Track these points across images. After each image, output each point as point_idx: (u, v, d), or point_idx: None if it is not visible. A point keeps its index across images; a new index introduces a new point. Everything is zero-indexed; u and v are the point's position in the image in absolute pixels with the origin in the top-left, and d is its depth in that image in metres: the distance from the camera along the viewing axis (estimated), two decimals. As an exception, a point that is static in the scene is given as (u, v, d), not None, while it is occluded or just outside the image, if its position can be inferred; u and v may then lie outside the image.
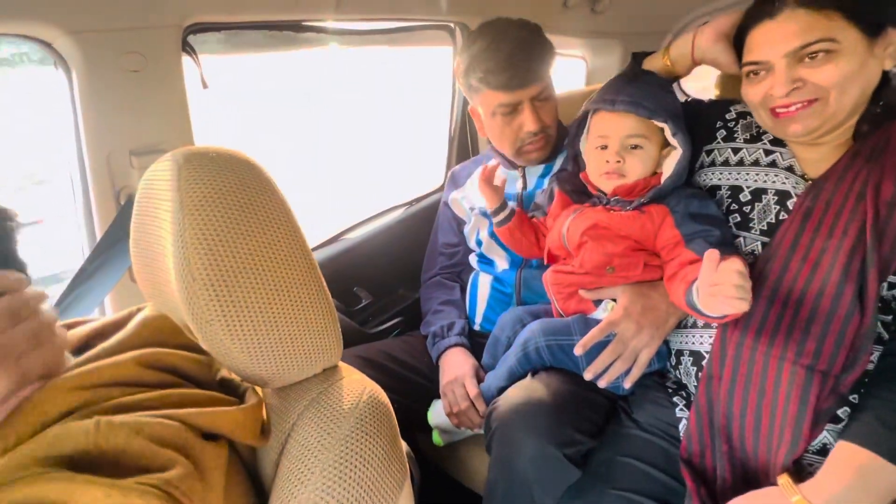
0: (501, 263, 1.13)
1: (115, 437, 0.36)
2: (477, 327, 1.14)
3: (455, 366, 1.00)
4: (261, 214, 0.43)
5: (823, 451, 0.64)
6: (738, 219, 0.76)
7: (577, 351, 0.79)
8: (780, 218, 0.72)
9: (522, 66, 0.96)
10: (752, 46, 0.68)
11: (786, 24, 0.64)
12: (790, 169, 0.73)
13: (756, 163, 0.77)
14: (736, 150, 0.80)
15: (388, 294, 1.39)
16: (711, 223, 0.75)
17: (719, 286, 0.60)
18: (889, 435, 0.57)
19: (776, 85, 0.65)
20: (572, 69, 1.83)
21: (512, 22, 1.02)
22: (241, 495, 0.45)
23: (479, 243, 1.16)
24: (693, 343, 0.78)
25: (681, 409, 0.77)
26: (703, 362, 0.75)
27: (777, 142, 0.76)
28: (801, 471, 0.63)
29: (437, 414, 0.96)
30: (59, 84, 0.75)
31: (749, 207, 0.75)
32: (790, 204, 0.71)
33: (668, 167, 0.80)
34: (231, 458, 0.45)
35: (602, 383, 0.80)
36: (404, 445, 0.54)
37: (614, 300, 0.83)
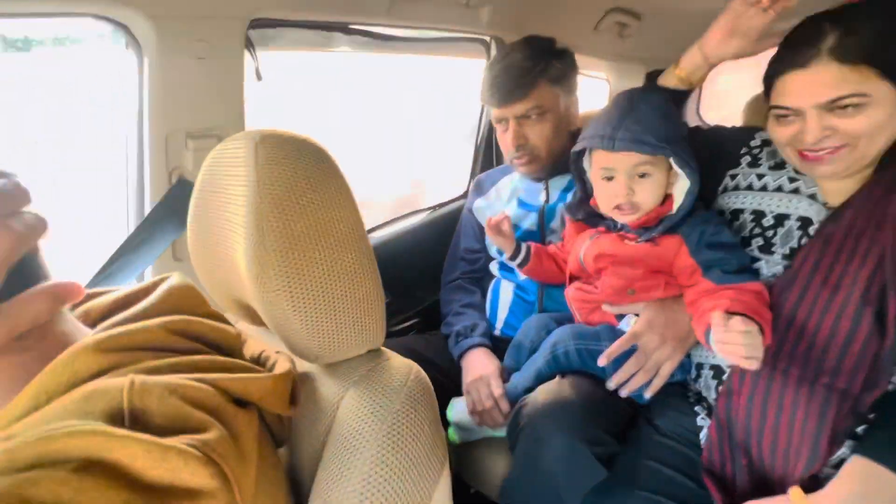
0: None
1: (149, 396, 0.35)
2: (497, 332, 1.15)
3: (480, 365, 1.01)
4: (327, 195, 0.46)
5: (840, 465, 0.65)
6: (762, 242, 0.77)
7: (601, 362, 0.80)
8: (803, 243, 0.73)
9: (505, 85, 1.02)
10: (783, 92, 0.68)
11: (818, 75, 0.63)
12: (813, 197, 0.75)
13: (779, 189, 0.78)
14: (760, 176, 0.82)
15: (407, 295, 1.41)
16: (726, 251, 0.75)
17: (729, 345, 0.63)
18: None
19: (807, 132, 0.66)
20: (596, 89, 1.89)
21: (520, 43, 1.08)
22: (272, 467, 0.45)
23: (500, 252, 1.19)
24: (713, 357, 0.80)
25: (702, 419, 0.79)
26: (724, 377, 0.77)
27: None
28: (817, 484, 0.65)
29: (457, 412, 0.97)
30: (125, 65, 0.79)
31: (772, 232, 0.76)
32: (811, 231, 0.72)
33: (679, 193, 0.80)
34: (261, 428, 0.44)
35: (624, 393, 0.81)
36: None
37: (636, 315, 0.85)
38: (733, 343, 0.62)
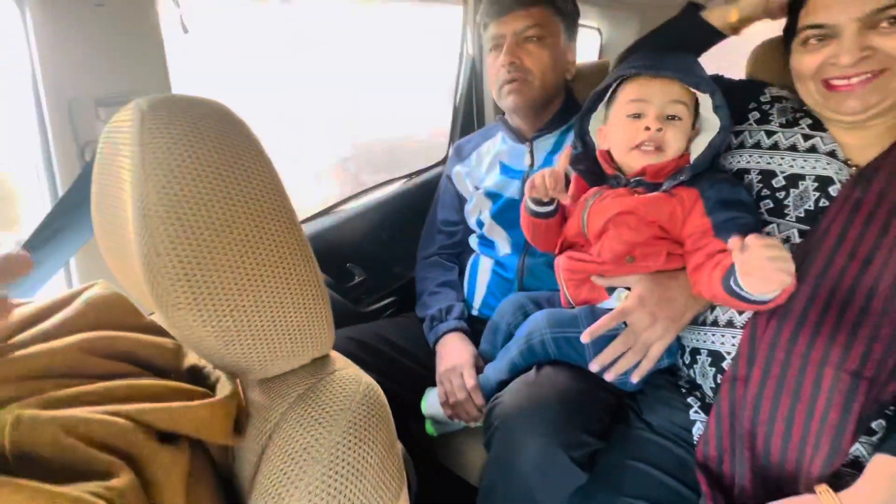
0: (504, 247, 1.06)
1: (39, 436, 0.29)
2: (475, 312, 1.09)
3: (454, 353, 0.95)
4: (241, 178, 0.36)
5: (856, 463, 0.60)
6: (771, 205, 0.71)
7: (585, 339, 0.73)
8: (821, 205, 0.67)
9: None
10: (818, 6, 0.62)
11: None
12: (832, 154, 0.68)
13: (793, 147, 0.71)
14: (770, 134, 0.75)
15: (383, 271, 1.32)
16: (743, 210, 0.69)
17: (753, 265, 0.54)
18: None
19: (843, 53, 0.59)
20: (586, 41, 1.72)
21: None
22: None
23: (479, 224, 1.10)
24: (712, 342, 0.73)
25: (695, 412, 0.72)
26: (724, 364, 0.70)
27: (816, 126, 0.71)
28: (832, 482, 0.59)
29: (430, 404, 0.90)
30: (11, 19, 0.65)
31: (783, 193, 0.70)
32: (832, 191, 0.66)
33: (698, 146, 0.75)
34: (197, 462, 0.39)
35: (609, 377, 0.74)
36: (400, 447, 0.48)
37: (628, 288, 0.77)
38: (757, 259, 0.53)
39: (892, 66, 0.59)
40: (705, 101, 0.75)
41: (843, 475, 0.59)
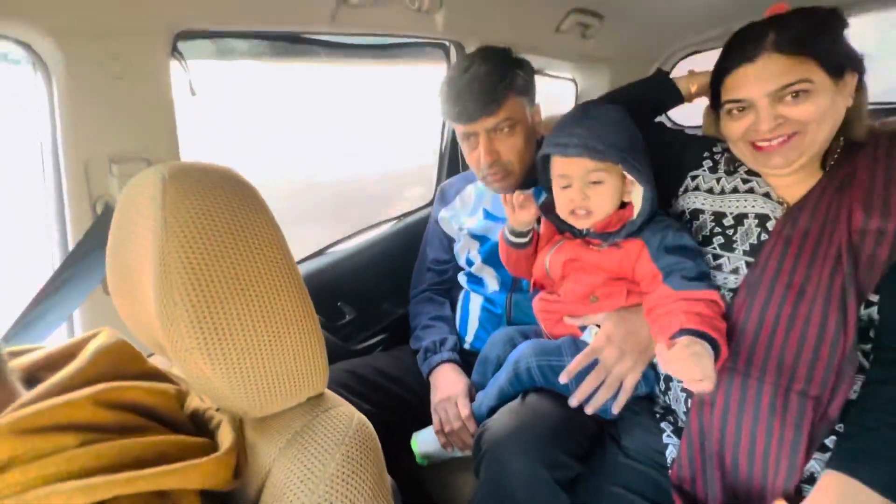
0: (492, 284, 1.12)
1: None
2: (467, 346, 1.13)
3: (448, 384, 0.98)
4: (249, 237, 0.41)
5: (811, 479, 0.65)
6: (722, 240, 0.79)
7: (563, 379, 0.79)
8: (762, 239, 0.75)
9: (473, 100, 0.96)
10: (735, 86, 0.72)
11: (765, 67, 0.68)
12: (767, 195, 0.77)
13: (735, 190, 0.81)
14: (718, 180, 0.84)
15: (373, 309, 1.36)
16: (686, 255, 0.76)
17: (677, 366, 0.63)
18: (871, 463, 0.58)
19: (761, 121, 0.69)
20: (563, 90, 1.86)
21: (479, 54, 1.02)
22: None
23: (469, 263, 1.15)
24: None
25: (668, 436, 0.77)
26: None
27: (752, 171, 0.80)
28: (795, 498, 0.64)
29: (423, 441, 0.93)
30: (37, 87, 0.72)
31: (732, 231, 0.79)
32: (769, 226, 0.75)
33: (637, 199, 0.80)
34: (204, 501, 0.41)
35: (589, 410, 0.79)
36: (388, 479, 0.51)
37: (598, 325, 0.83)
38: (681, 364, 0.62)
39: (801, 129, 0.68)
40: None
41: (804, 491, 0.64)
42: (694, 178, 0.87)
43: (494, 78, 0.97)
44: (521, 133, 1.02)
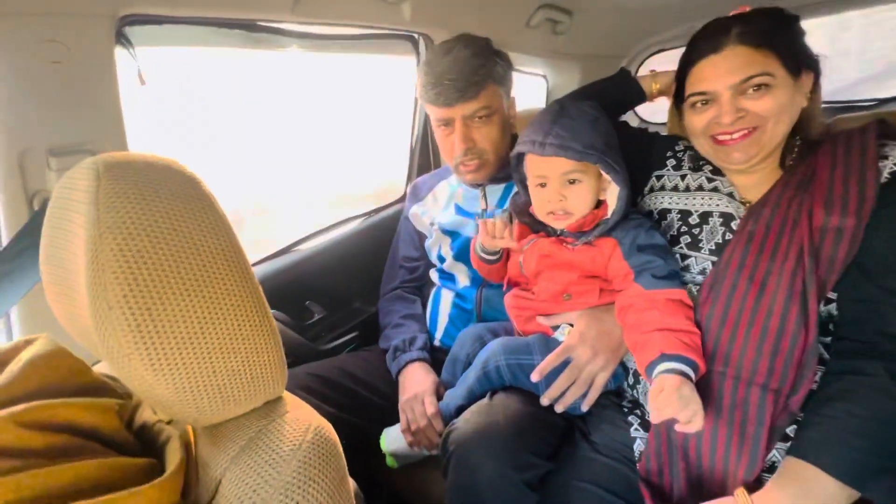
0: (463, 280, 1.11)
1: None
2: (437, 343, 1.11)
3: (415, 382, 0.97)
4: (194, 233, 0.39)
5: (772, 468, 0.66)
6: (689, 240, 0.80)
7: (534, 377, 0.78)
8: (727, 238, 0.76)
9: (453, 83, 0.95)
10: (700, 79, 0.73)
11: (729, 58, 0.70)
12: (731, 195, 0.78)
13: (700, 188, 0.82)
14: (683, 177, 0.85)
15: (343, 308, 1.33)
16: (657, 253, 0.77)
17: (665, 411, 0.63)
18: (830, 450, 0.59)
19: (723, 114, 0.70)
20: (534, 86, 1.86)
21: (461, 39, 1.01)
22: None
23: (441, 259, 1.14)
24: None
25: (636, 429, 0.77)
26: None
27: (717, 171, 0.81)
28: (757, 485, 0.64)
29: (391, 440, 0.91)
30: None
31: (698, 229, 0.79)
32: (734, 225, 0.76)
33: (612, 197, 0.80)
34: None
35: (559, 408, 0.79)
36: (352, 483, 0.49)
37: (571, 324, 0.83)
38: (673, 409, 0.62)
39: (761, 124, 0.69)
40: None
41: (763, 479, 0.65)
42: (659, 177, 0.88)
43: (475, 63, 0.96)
44: (497, 123, 1.01)
